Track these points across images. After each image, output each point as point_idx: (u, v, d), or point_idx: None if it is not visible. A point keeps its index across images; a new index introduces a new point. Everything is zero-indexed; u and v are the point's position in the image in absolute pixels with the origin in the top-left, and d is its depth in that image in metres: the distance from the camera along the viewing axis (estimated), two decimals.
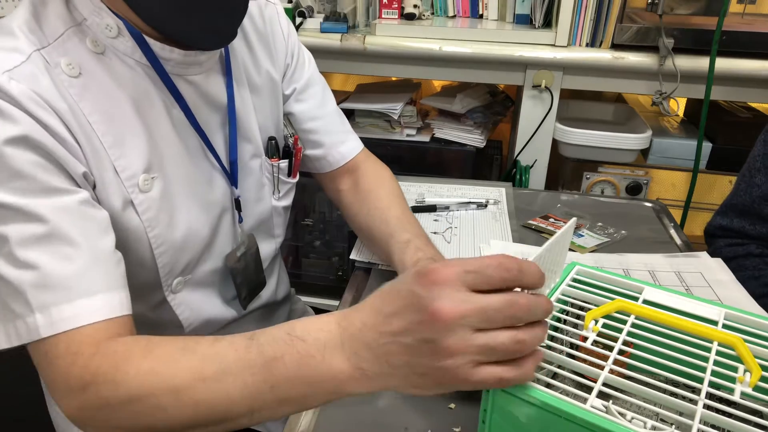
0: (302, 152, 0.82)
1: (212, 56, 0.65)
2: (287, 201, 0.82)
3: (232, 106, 0.69)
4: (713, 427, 0.40)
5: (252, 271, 0.78)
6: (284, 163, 0.78)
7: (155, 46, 0.59)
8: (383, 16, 1.49)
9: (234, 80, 0.69)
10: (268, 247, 0.81)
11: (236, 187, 0.72)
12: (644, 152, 1.43)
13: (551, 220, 1.01)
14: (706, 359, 0.45)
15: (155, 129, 0.61)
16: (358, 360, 0.44)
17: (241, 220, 0.74)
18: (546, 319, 0.42)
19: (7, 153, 0.49)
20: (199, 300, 0.71)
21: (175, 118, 0.63)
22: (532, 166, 1.44)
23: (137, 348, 0.50)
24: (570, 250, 0.91)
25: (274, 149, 0.77)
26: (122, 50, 0.58)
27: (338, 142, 0.83)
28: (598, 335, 0.48)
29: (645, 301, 0.53)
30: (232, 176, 0.71)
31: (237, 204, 0.73)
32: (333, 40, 1.38)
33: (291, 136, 0.80)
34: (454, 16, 1.53)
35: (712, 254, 0.94)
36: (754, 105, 1.52)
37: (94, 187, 0.57)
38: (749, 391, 0.42)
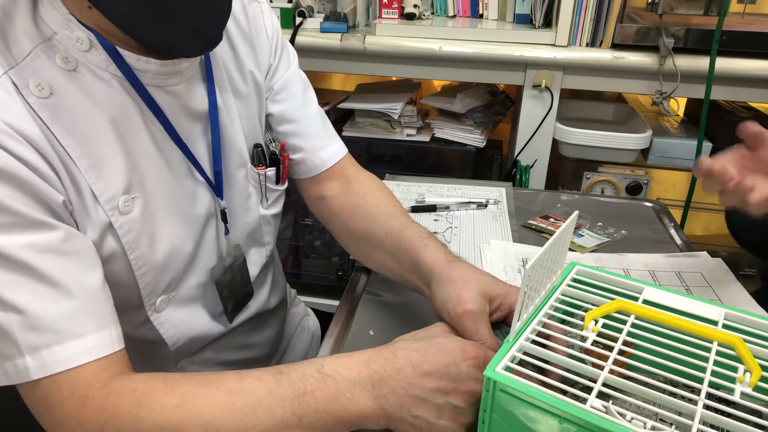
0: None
1: (192, 64, 0.62)
2: (276, 209, 0.79)
3: (215, 115, 0.66)
4: (713, 427, 0.40)
5: (239, 283, 0.75)
6: (271, 171, 0.75)
7: (130, 58, 0.56)
8: (383, 15, 1.49)
9: (216, 87, 0.66)
10: (257, 257, 0.78)
11: (222, 198, 0.69)
12: (644, 152, 1.43)
13: (551, 220, 1.01)
14: (706, 359, 0.45)
15: (134, 145, 0.58)
16: (384, 402, 0.50)
17: (227, 232, 0.71)
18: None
19: None
20: (185, 317, 0.68)
21: (154, 132, 0.61)
22: (532, 166, 1.44)
23: (157, 385, 0.51)
24: (570, 250, 0.91)
25: (260, 157, 0.74)
26: (96, 63, 0.55)
27: (319, 146, 0.78)
28: (598, 335, 0.48)
29: (645, 301, 0.53)
30: (217, 188, 0.68)
31: (223, 215, 0.70)
32: (333, 40, 1.38)
33: (272, 142, 0.76)
34: (454, 16, 1.53)
35: (731, 214, 0.94)
36: (754, 105, 1.52)
37: (71, 213, 0.55)
38: (749, 391, 0.42)
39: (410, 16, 1.47)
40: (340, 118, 1.61)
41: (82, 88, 0.55)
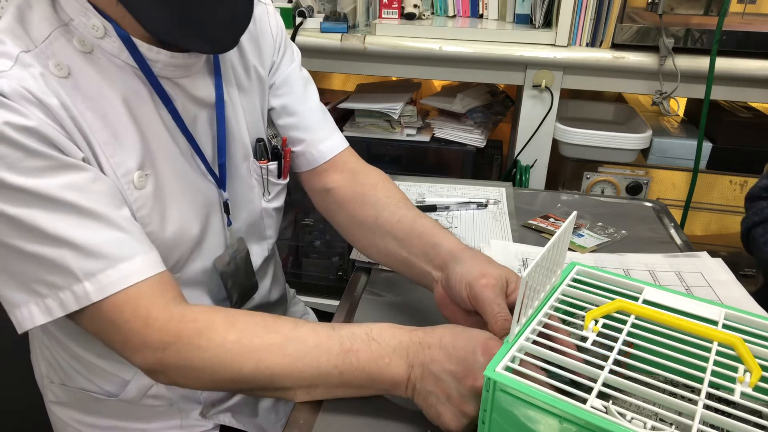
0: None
1: (200, 59, 0.65)
2: (278, 202, 0.81)
3: (221, 108, 0.69)
4: (713, 427, 0.40)
5: (242, 275, 0.77)
6: (273, 165, 0.77)
7: (142, 46, 0.59)
8: (383, 15, 1.49)
9: (223, 82, 0.69)
10: (259, 249, 0.81)
11: (224, 190, 0.71)
12: (644, 152, 1.43)
13: (551, 220, 1.01)
14: (706, 359, 0.45)
15: (146, 126, 0.61)
16: (411, 372, 0.55)
17: (230, 223, 0.73)
18: None
19: (17, 137, 0.50)
20: (189, 300, 0.69)
21: (164, 118, 0.63)
22: (532, 166, 1.44)
23: (218, 318, 0.56)
24: (570, 250, 0.91)
25: (262, 151, 0.76)
26: (109, 50, 0.58)
27: (319, 139, 0.79)
28: (598, 335, 0.48)
29: (645, 301, 0.53)
30: (220, 179, 0.70)
31: (226, 207, 0.72)
32: (333, 40, 1.38)
33: (274, 137, 0.79)
34: (454, 16, 1.53)
35: (751, 216, 0.95)
36: (754, 105, 1.52)
37: None
38: (749, 391, 0.42)
39: (410, 16, 1.47)
40: (340, 118, 1.61)
41: (98, 70, 0.58)
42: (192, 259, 0.69)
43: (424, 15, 1.51)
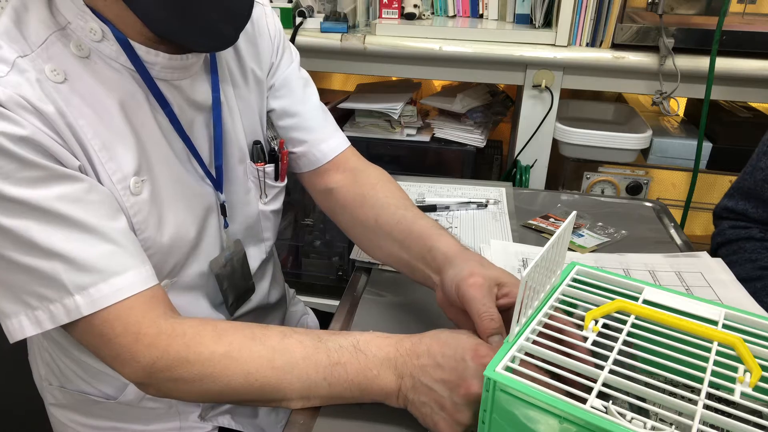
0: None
1: (198, 61, 0.64)
2: (276, 205, 0.80)
3: (218, 111, 0.68)
4: (713, 427, 0.40)
5: (239, 277, 0.77)
6: (270, 168, 0.76)
7: (140, 49, 0.58)
8: (383, 15, 1.49)
9: (220, 84, 0.68)
10: (257, 251, 0.80)
11: (221, 192, 0.71)
12: (644, 152, 1.43)
13: (551, 220, 1.01)
14: (706, 359, 0.45)
15: (142, 131, 0.61)
16: (402, 383, 0.55)
17: (226, 225, 0.73)
18: None
19: (12, 147, 0.50)
20: (186, 304, 0.70)
21: (161, 122, 0.63)
22: (532, 166, 1.44)
23: (206, 332, 0.56)
24: (570, 250, 0.91)
25: (259, 153, 0.76)
26: (107, 54, 0.58)
27: (320, 139, 0.79)
28: (598, 335, 0.48)
29: (645, 301, 0.53)
30: (217, 181, 0.70)
31: (222, 209, 0.72)
32: (333, 40, 1.38)
33: (273, 139, 0.78)
34: (454, 16, 1.53)
35: (716, 236, 0.95)
36: (754, 105, 1.52)
37: None
38: (749, 391, 0.42)
39: (410, 16, 1.47)
40: (340, 118, 1.61)
41: (95, 74, 0.57)
42: (189, 263, 0.69)
43: (424, 15, 1.51)
